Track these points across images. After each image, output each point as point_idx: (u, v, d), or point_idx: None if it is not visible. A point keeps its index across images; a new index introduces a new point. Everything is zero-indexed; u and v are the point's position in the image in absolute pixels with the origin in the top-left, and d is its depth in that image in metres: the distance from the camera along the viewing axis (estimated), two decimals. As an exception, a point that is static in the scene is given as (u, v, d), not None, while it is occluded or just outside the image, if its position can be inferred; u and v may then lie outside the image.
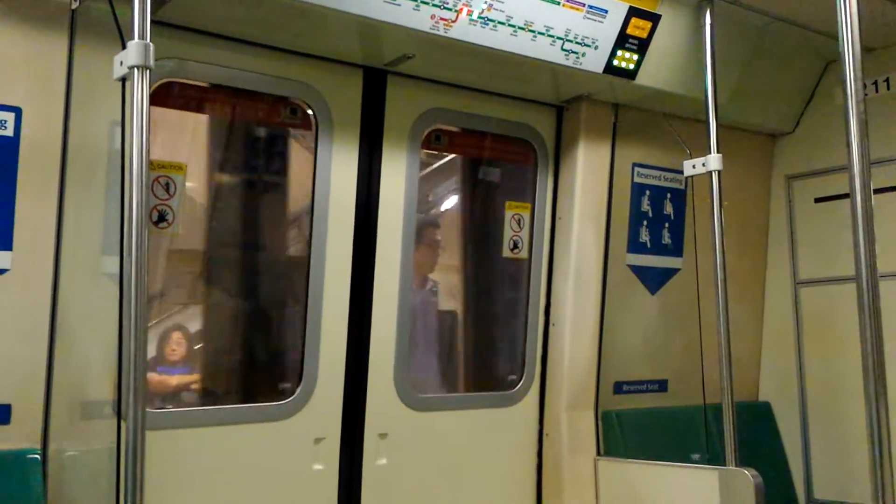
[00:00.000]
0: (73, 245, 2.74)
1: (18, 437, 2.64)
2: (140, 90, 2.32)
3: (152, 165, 3.09)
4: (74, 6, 2.71)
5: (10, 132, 2.61)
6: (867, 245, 2.78)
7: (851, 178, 2.84)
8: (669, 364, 4.48)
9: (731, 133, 4.64)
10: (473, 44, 3.29)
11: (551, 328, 4.16)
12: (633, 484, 3.99)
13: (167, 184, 3.13)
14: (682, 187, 4.47)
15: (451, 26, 3.22)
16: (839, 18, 2.86)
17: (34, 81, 2.68)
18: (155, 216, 3.11)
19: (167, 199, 3.13)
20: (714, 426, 4.09)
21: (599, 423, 4.18)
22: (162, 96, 3.18)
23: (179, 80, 3.21)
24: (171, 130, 3.41)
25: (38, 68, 2.68)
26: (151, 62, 2.34)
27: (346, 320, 3.55)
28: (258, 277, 3.96)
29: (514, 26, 3.36)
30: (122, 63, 2.36)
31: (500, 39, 3.34)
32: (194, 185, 3.45)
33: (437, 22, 3.18)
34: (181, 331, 3.76)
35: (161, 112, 3.19)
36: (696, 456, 4.17)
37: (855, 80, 2.86)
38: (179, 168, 3.17)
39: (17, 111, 2.63)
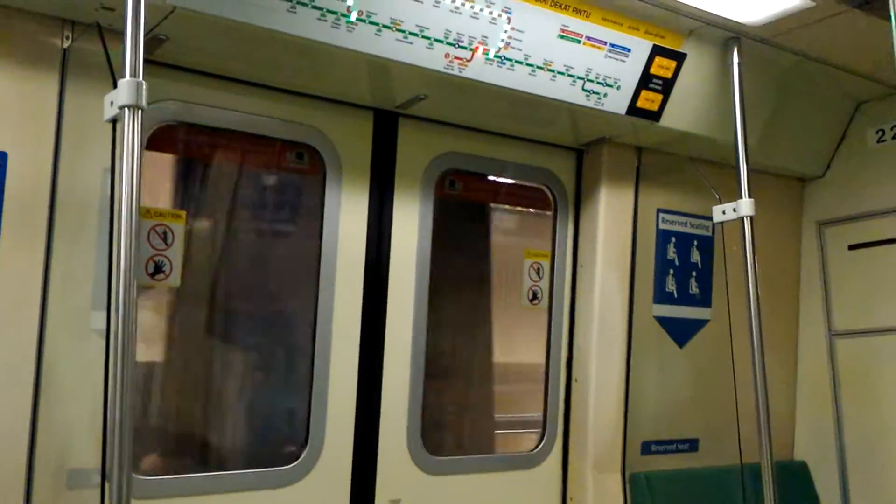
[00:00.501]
0: (60, 299, 2.55)
1: None
2: (131, 131, 2.14)
3: (148, 214, 2.92)
4: (66, 45, 2.55)
5: None
6: None
7: None
8: (699, 422, 4.21)
9: (758, 177, 4.41)
10: (490, 84, 3.12)
11: (574, 384, 3.92)
12: (666, 553, 3.72)
13: (164, 233, 2.94)
14: (710, 234, 4.26)
15: (466, 66, 3.05)
16: None
17: (22, 124, 2.50)
18: (151, 267, 2.92)
19: (164, 250, 2.94)
20: (750, 487, 3.82)
21: (627, 486, 3.92)
22: (160, 141, 3.00)
23: (179, 124, 3.04)
24: (170, 176, 3.22)
25: (25, 111, 2.51)
26: (144, 102, 2.16)
27: (356, 377, 3.34)
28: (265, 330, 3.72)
29: (532, 66, 3.18)
30: (112, 103, 2.18)
31: (517, 79, 3.16)
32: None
33: (451, 61, 3.01)
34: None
35: (158, 157, 3.02)
36: None
37: None
38: (178, 216, 2.99)
39: (3, 156, 2.45)
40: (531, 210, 4.21)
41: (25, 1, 2.48)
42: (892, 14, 2.54)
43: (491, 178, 3.99)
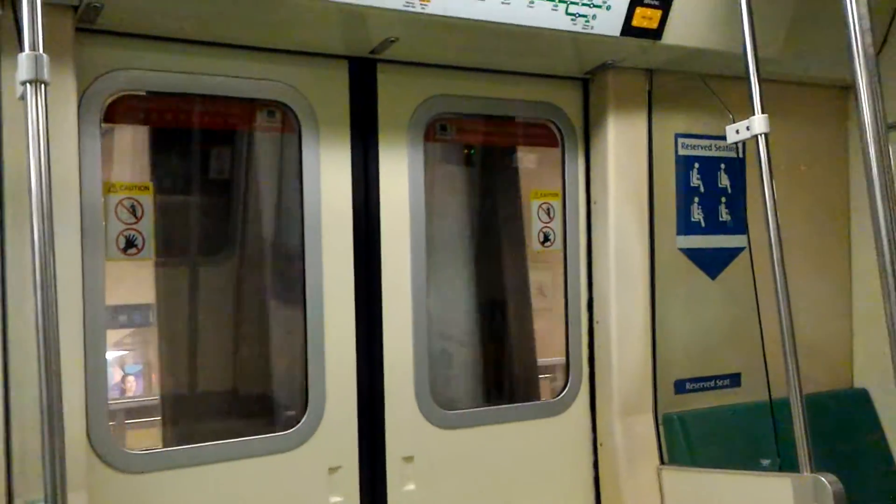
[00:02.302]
0: (19, 281, 2.51)
1: None
2: (35, 107, 2.06)
3: (114, 188, 2.87)
4: None
5: None
6: None
7: None
8: (741, 355, 3.97)
9: (791, 89, 4.13)
10: (458, 18, 2.92)
11: (595, 326, 3.74)
12: (701, 494, 3.54)
13: (133, 206, 2.89)
14: (741, 155, 3.97)
15: (428, 1, 2.86)
16: None
17: None
18: (122, 242, 2.88)
19: (134, 223, 2.89)
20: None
21: (661, 427, 3.74)
22: (117, 112, 2.94)
23: (136, 92, 2.97)
24: (134, 148, 3.17)
25: None
26: (45, 75, 2.08)
27: (354, 336, 3.25)
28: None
29: (504, -7, 2.97)
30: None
31: (488, 10, 2.95)
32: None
33: (410, -1, 2.83)
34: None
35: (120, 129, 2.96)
36: (765, 461, 3.66)
37: None
38: (145, 188, 2.93)
39: None
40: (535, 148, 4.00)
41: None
42: None
43: (487, 118, 3.79)
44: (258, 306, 3.62)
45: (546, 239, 3.77)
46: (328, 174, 3.20)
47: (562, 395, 3.72)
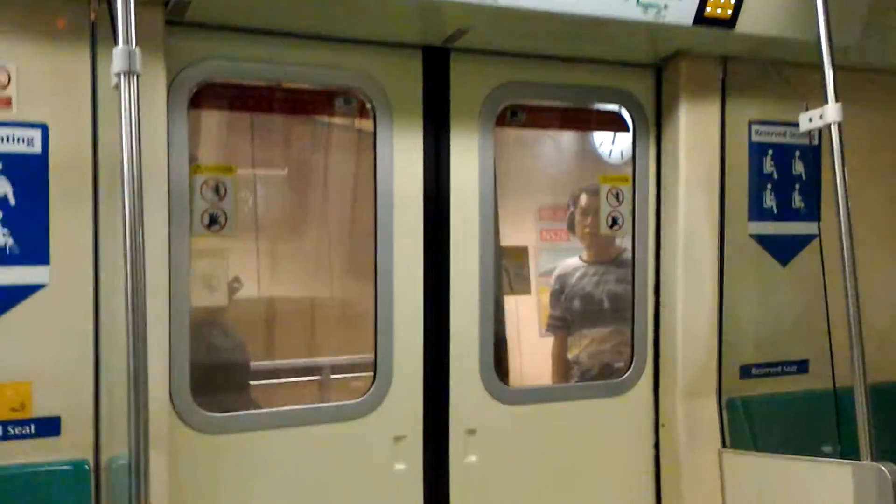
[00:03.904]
0: (112, 255, 2.75)
1: (69, 448, 2.69)
2: (128, 97, 2.27)
3: (199, 169, 3.08)
4: (93, 18, 2.71)
5: (37, 149, 2.65)
6: None
7: None
8: (810, 342, 3.96)
9: (870, 77, 4.05)
10: (530, 9, 3.01)
11: (662, 310, 3.80)
12: (762, 479, 3.58)
13: (217, 186, 3.10)
14: (816, 143, 3.93)
15: (499, -8, 2.95)
16: None
17: (58, 96, 2.68)
18: (206, 220, 3.09)
19: (218, 202, 3.11)
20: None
21: (724, 411, 3.78)
22: (206, 97, 3.14)
23: (222, 81, 3.16)
24: (219, 132, 3.38)
25: (61, 83, 2.69)
26: (138, 67, 2.27)
27: (421, 313, 3.40)
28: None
29: (576, -16, 3.03)
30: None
31: (558, 1, 3.03)
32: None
33: (485, -11, 2.93)
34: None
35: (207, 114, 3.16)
36: (826, 448, 3.67)
37: None
38: (229, 170, 3.13)
39: (44, 128, 2.66)
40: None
41: (55, -20, 2.65)
42: None
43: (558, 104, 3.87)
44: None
45: (614, 223, 3.84)
46: (401, 159, 3.34)
47: (626, 376, 3.81)
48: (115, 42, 2.33)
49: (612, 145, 5.06)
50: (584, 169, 5.36)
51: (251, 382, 3.96)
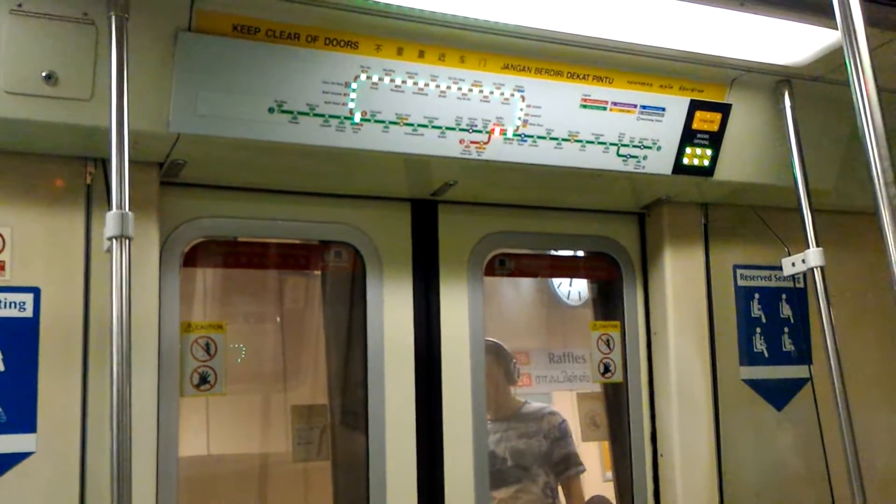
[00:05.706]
0: (100, 418, 2.68)
1: None
2: (120, 260, 2.27)
3: (190, 328, 3.06)
4: (89, 182, 2.75)
5: (29, 313, 2.62)
6: None
7: None
8: (813, 488, 3.87)
9: (850, 219, 4.14)
10: (513, 162, 3.10)
11: (660, 459, 3.73)
12: None
13: (207, 344, 3.07)
14: (802, 285, 3.98)
15: (484, 148, 3.04)
16: None
17: (52, 259, 2.68)
18: (196, 379, 3.05)
19: (207, 360, 3.07)
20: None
21: None
22: (197, 257, 3.16)
23: (214, 238, 3.19)
24: (212, 289, 3.38)
25: (55, 246, 2.69)
26: (130, 232, 2.29)
27: (415, 470, 3.31)
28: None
29: (556, 139, 3.13)
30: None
31: (542, 154, 3.12)
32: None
33: (467, 146, 3.02)
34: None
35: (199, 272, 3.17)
36: None
37: None
38: (219, 327, 3.11)
39: (36, 291, 2.65)
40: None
41: (52, 146, 2.69)
42: None
43: (544, 252, 3.92)
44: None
45: (606, 370, 3.81)
46: (391, 309, 3.34)
47: (627, 530, 3.69)
48: (109, 206, 2.36)
49: (570, 287, 5.16)
50: (543, 311, 5.37)
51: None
